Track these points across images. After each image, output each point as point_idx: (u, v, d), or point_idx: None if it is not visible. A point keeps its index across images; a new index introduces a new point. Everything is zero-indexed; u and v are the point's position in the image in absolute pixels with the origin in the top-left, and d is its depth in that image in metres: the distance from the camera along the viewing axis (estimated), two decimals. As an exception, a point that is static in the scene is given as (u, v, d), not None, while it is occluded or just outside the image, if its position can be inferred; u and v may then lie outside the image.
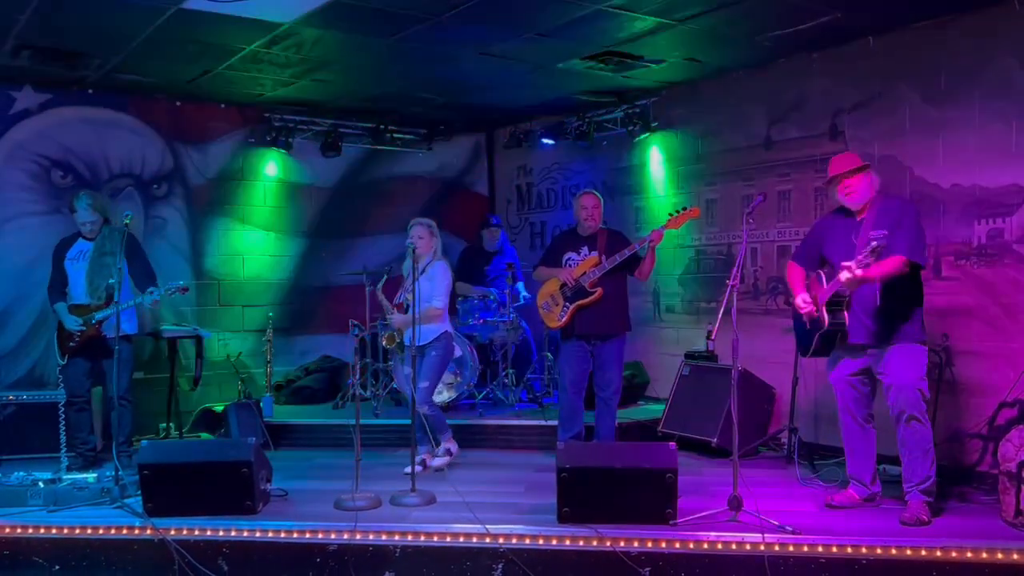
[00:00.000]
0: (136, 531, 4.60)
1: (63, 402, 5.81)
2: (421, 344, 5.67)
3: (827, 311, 4.64)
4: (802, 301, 4.75)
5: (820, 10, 5.40)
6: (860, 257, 4.28)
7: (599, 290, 5.75)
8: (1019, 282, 5.23)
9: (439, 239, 5.96)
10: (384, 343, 5.89)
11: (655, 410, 7.01)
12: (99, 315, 5.79)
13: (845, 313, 4.61)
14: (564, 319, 5.84)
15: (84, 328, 5.81)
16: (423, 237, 5.81)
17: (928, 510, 4.49)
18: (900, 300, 4.53)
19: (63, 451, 5.60)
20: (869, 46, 5.97)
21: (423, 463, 5.80)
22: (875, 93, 5.98)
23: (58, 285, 6.01)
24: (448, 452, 5.95)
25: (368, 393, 7.54)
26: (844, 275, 4.36)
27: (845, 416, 4.83)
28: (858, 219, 4.67)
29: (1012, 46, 5.22)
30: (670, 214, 5.68)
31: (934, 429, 5.09)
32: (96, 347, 5.90)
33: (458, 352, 7.05)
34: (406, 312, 5.78)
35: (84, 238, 6.02)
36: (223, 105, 7.95)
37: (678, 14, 5.43)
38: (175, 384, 7.16)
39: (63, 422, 5.67)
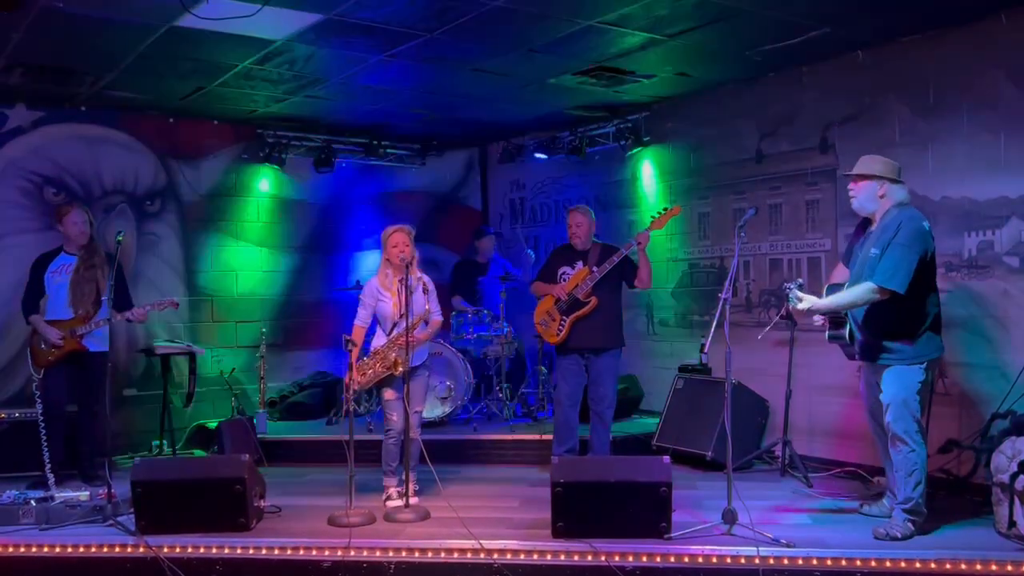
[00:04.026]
0: (129, 549, 4.58)
1: (42, 417, 5.64)
2: (416, 364, 5.30)
3: (829, 324, 4.70)
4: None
5: (809, 25, 5.44)
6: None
7: (593, 299, 5.76)
8: (1010, 293, 5.25)
9: None
10: (395, 370, 5.16)
11: (649, 424, 7.01)
12: (81, 329, 5.83)
13: (845, 328, 4.64)
14: (563, 333, 5.85)
15: (63, 342, 5.81)
16: (409, 245, 5.30)
17: (909, 527, 4.43)
18: (886, 320, 4.48)
19: (47, 467, 5.51)
20: (858, 60, 6.02)
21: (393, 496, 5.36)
22: (864, 106, 6.02)
23: (34, 298, 5.96)
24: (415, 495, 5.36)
25: (362, 409, 7.54)
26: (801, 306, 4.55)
27: (870, 422, 4.85)
28: (872, 228, 4.64)
29: (999, 59, 5.27)
30: (652, 216, 5.82)
31: (926, 440, 5.11)
32: (73, 361, 5.91)
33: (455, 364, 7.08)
34: (391, 332, 5.34)
35: (67, 252, 6.03)
36: (216, 121, 7.97)
37: (668, 29, 5.46)
38: (168, 401, 7.13)
39: (45, 438, 5.56)
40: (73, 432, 6.10)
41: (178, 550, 4.52)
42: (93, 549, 4.60)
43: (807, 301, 4.55)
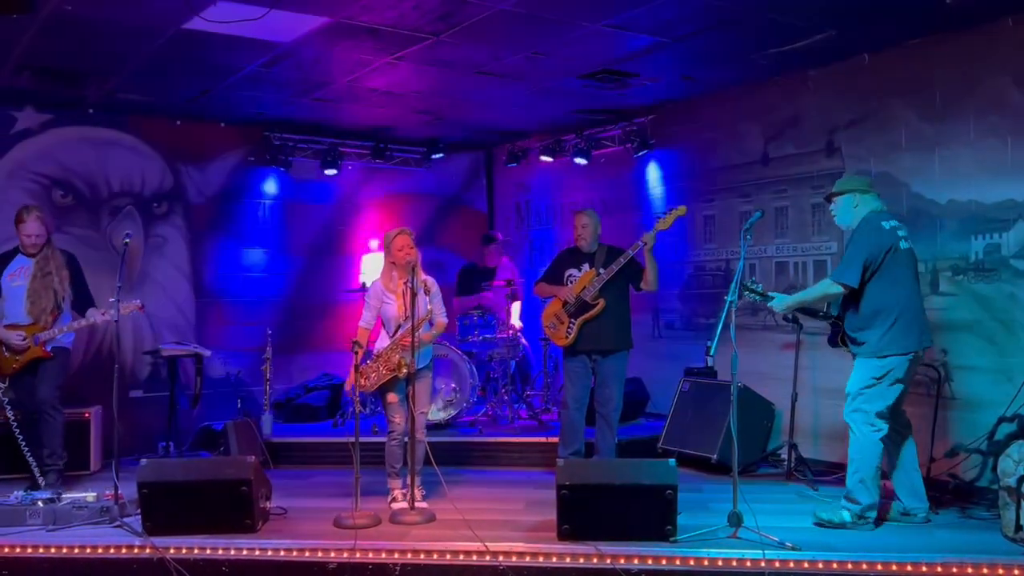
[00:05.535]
0: (135, 550, 4.59)
1: (16, 425, 5.48)
2: (420, 366, 5.27)
3: (832, 328, 4.99)
4: None
5: (815, 29, 5.44)
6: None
7: (601, 301, 5.75)
8: (1016, 297, 5.24)
9: None
10: (399, 373, 5.17)
11: (655, 426, 7.00)
12: (44, 335, 5.69)
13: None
14: (571, 336, 5.84)
15: (26, 342, 5.65)
16: (414, 247, 5.33)
17: (842, 515, 4.67)
18: (852, 314, 4.76)
19: (36, 471, 5.47)
20: (864, 63, 6.02)
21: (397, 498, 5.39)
22: (870, 110, 6.01)
23: None
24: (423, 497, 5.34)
25: (367, 411, 7.54)
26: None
27: None
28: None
29: (1005, 63, 5.26)
30: (657, 216, 5.83)
31: (932, 444, 5.12)
32: (37, 369, 5.77)
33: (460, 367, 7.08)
34: (396, 334, 5.32)
35: (24, 254, 5.84)
36: (223, 124, 7.99)
37: (674, 33, 5.47)
38: (174, 402, 7.15)
39: (25, 445, 5.45)
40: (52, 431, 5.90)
41: (184, 551, 4.53)
42: (100, 550, 4.61)
43: (778, 299, 4.91)
